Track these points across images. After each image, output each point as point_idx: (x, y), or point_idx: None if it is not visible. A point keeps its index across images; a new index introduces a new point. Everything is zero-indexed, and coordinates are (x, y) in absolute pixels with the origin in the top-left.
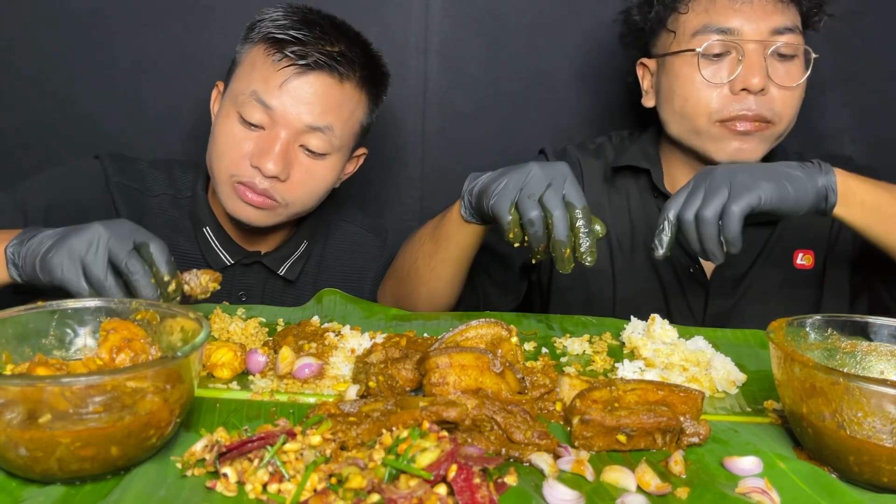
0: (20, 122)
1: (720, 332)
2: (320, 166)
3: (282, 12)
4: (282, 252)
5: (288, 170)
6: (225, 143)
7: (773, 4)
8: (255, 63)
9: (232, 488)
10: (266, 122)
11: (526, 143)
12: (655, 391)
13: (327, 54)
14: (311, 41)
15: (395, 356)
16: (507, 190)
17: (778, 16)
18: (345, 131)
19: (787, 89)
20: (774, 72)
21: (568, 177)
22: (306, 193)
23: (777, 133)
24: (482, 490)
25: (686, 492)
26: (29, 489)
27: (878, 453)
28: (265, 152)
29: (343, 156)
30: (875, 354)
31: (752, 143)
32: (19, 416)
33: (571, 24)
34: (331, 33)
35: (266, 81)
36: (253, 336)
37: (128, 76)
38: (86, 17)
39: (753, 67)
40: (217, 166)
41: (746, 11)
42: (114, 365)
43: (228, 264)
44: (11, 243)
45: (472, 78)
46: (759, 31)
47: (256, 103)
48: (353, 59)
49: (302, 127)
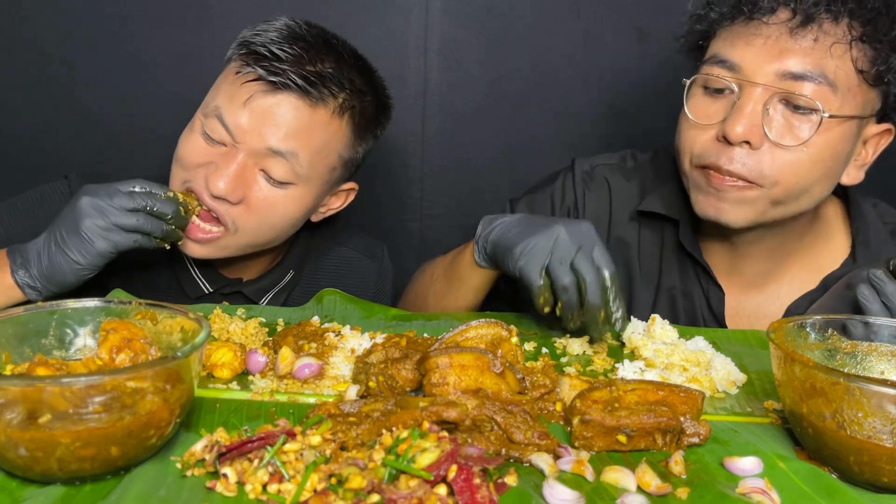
0: (25, 122)
1: (720, 332)
2: (281, 196)
3: (276, 25)
4: (264, 282)
5: (241, 192)
6: (184, 151)
7: (793, 42)
8: (227, 77)
9: (232, 488)
10: (227, 140)
11: (526, 144)
12: (655, 391)
13: (301, 74)
14: (288, 58)
15: (395, 356)
16: (535, 253)
17: (796, 57)
18: (315, 161)
19: (782, 148)
20: (773, 125)
21: (597, 242)
22: (262, 223)
23: (770, 199)
24: (482, 490)
25: (686, 492)
26: (29, 489)
27: (878, 453)
28: (218, 169)
29: (313, 188)
30: (875, 354)
31: (727, 204)
32: (19, 416)
33: (571, 24)
34: (316, 51)
35: (231, 98)
36: (253, 336)
37: (133, 75)
38: (91, 17)
39: (741, 113)
40: (174, 171)
41: (757, 45)
42: (114, 365)
43: (207, 293)
44: (17, 272)
45: (472, 78)
46: (763, 73)
47: (217, 120)
48: (335, 83)
49: (263, 150)
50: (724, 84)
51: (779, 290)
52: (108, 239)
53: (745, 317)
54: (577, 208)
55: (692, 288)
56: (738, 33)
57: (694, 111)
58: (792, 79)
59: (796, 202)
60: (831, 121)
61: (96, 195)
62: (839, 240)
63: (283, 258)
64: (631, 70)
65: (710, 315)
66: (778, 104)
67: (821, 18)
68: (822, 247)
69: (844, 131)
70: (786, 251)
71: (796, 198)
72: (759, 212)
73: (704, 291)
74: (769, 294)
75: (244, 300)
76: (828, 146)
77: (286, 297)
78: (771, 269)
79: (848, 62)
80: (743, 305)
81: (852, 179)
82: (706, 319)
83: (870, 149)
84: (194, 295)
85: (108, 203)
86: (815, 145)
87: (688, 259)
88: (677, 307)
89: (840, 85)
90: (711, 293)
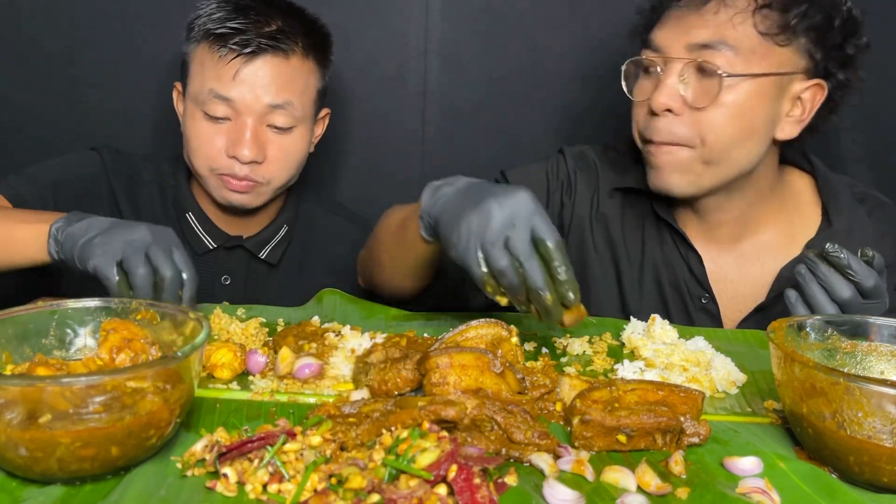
0: (17, 119)
1: (720, 332)
2: (290, 139)
3: (214, 5)
4: (262, 236)
5: (263, 151)
6: (198, 142)
7: (698, 17)
8: (204, 61)
9: (232, 488)
10: (230, 114)
11: (526, 143)
12: (655, 391)
13: (267, 35)
14: (248, 27)
15: (395, 356)
16: (469, 241)
17: (699, 29)
18: (304, 101)
19: (698, 110)
20: (688, 91)
21: (535, 212)
22: (284, 167)
23: (701, 159)
24: (482, 490)
25: (686, 492)
26: (29, 489)
27: (878, 453)
28: (237, 142)
29: (308, 124)
30: (875, 354)
31: (666, 172)
32: (19, 416)
33: (571, 23)
34: (265, 13)
35: (219, 77)
36: (253, 336)
37: (133, 74)
38: (91, 15)
39: (662, 86)
40: (196, 163)
41: (671, 25)
42: (114, 365)
43: (211, 248)
44: (59, 221)
45: (472, 78)
46: (676, 48)
47: (217, 99)
48: (292, 32)
49: (263, 108)
50: (651, 63)
51: (757, 253)
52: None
53: (728, 281)
54: (570, 186)
55: (672, 256)
56: (662, 20)
57: (635, 92)
58: (699, 49)
59: (729, 160)
60: (736, 79)
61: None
62: (810, 207)
63: (278, 215)
64: None
65: (692, 280)
66: (691, 72)
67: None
68: (791, 212)
69: (755, 89)
70: (753, 217)
71: (727, 155)
72: (696, 174)
73: (684, 258)
74: (748, 258)
75: (244, 254)
76: (739, 104)
77: (283, 252)
78: (741, 234)
79: (750, 27)
80: (724, 270)
81: (787, 135)
82: (689, 285)
83: (806, 105)
84: (200, 251)
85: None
86: (725, 105)
87: (665, 228)
88: (662, 279)
89: (741, 48)
90: (690, 258)
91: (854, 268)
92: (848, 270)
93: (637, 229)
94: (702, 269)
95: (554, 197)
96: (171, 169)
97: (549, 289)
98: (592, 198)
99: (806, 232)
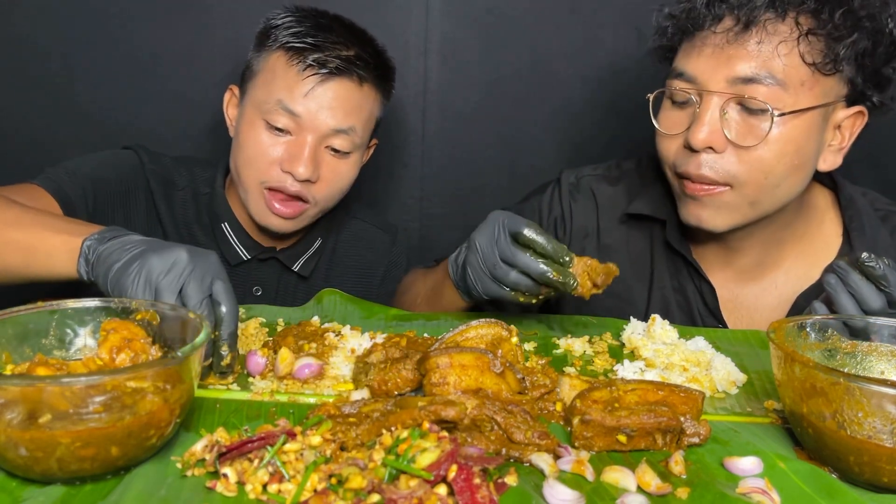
0: (23, 121)
1: (720, 332)
2: (344, 164)
3: (293, 18)
4: (297, 249)
5: (318, 171)
6: (254, 151)
7: (739, 47)
8: (276, 71)
9: (232, 488)
10: (292, 128)
11: (526, 144)
12: (656, 391)
13: (345, 59)
14: (328, 47)
15: (395, 356)
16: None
17: (742, 62)
18: (365, 129)
19: (744, 149)
20: (731, 127)
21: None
22: (334, 190)
23: (745, 199)
24: (482, 490)
25: (686, 492)
26: (29, 489)
27: (878, 453)
28: (295, 158)
29: (363, 151)
30: (875, 354)
31: (709, 211)
32: (19, 416)
33: (572, 24)
34: (345, 37)
35: (290, 90)
36: (253, 336)
37: (132, 74)
38: (90, 15)
39: (701, 121)
40: (246, 173)
41: (707, 55)
42: (114, 365)
43: (245, 259)
44: (92, 237)
45: (472, 78)
46: (716, 80)
47: (283, 111)
48: (368, 61)
49: (327, 130)
50: (685, 96)
51: (775, 280)
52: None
53: (743, 309)
54: (563, 220)
55: (685, 285)
56: (693, 45)
57: (663, 123)
58: (742, 83)
59: (772, 197)
60: (785, 116)
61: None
62: (831, 227)
63: (313, 228)
64: (630, 70)
65: (705, 310)
66: (734, 107)
67: (764, 20)
68: (814, 235)
69: (804, 124)
70: (776, 241)
71: (771, 193)
72: (741, 215)
73: (697, 288)
74: (765, 285)
75: (277, 265)
76: (788, 141)
77: (315, 263)
78: (764, 261)
79: (796, 58)
80: (740, 298)
81: (830, 165)
82: (702, 315)
83: (845, 132)
84: (234, 262)
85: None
86: (774, 142)
87: (678, 257)
88: (671, 305)
89: (790, 81)
90: (704, 289)
91: (890, 279)
92: (882, 281)
93: (645, 257)
94: (715, 300)
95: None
96: (205, 174)
97: (550, 267)
98: (592, 230)
99: (826, 255)
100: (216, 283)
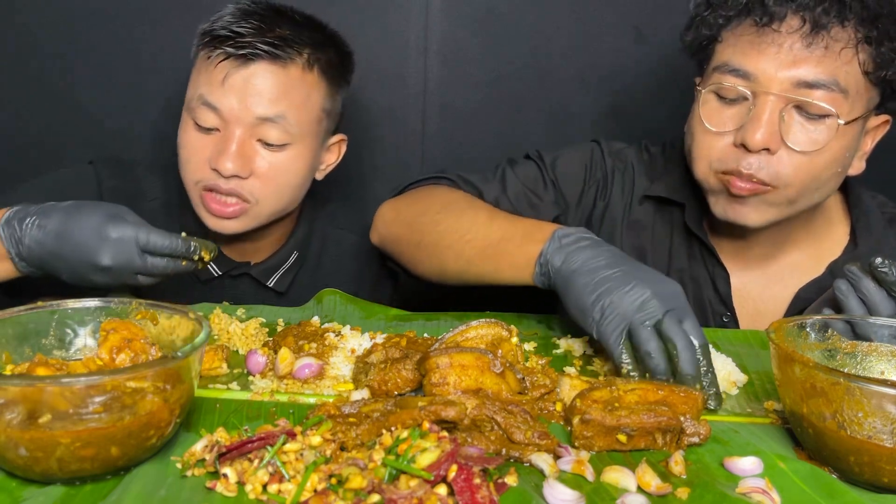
0: (20, 123)
1: (720, 332)
2: (283, 157)
3: (228, 10)
4: (270, 263)
5: (248, 166)
6: (186, 152)
7: (806, 50)
8: (199, 67)
9: (232, 488)
10: (219, 124)
11: (526, 143)
12: (656, 391)
13: (265, 42)
14: (248, 32)
15: (395, 356)
16: (613, 321)
17: (809, 66)
18: (301, 118)
19: (798, 153)
20: (790, 131)
21: (687, 310)
22: (277, 188)
23: (786, 199)
24: (482, 490)
25: (686, 492)
26: (29, 489)
27: (878, 453)
28: (221, 153)
29: (309, 145)
30: (875, 354)
31: (748, 208)
32: (19, 416)
33: (572, 24)
34: (271, 20)
35: (209, 83)
36: (253, 336)
37: (132, 74)
38: (87, 17)
39: (759, 122)
40: (184, 176)
41: (770, 54)
42: (114, 365)
43: (216, 275)
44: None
45: (472, 78)
46: (778, 81)
47: (205, 106)
48: (296, 42)
49: (253, 120)
50: (739, 93)
51: (782, 273)
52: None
53: (750, 299)
54: (605, 185)
55: (698, 271)
56: (749, 41)
57: (709, 119)
58: (806, 87)
59: (810, 199)
60: (846, 124)
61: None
62: (839, 227)
63: (287, 240)
64: (629, 70)
65: (716, 297)
66: (792, 111)
67: (829, 24)
68: (823, 234)
69: (854, 131)
70: (789, 237)
71: (811, 195)
72: (778, 212)
73: (710, 273)
74: (773, 277)
75: (251, 281)
76: (842, 148)
77: (292, 279)
78: (773, 253)
79: (856, 66)
80: (748, 287)
81: (856, 170)
82: (712, 302)
83: (869, 139)
84: (204, 277)
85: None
86: (830, 149)
87: (695, 241)
88: (686, 291)
89: (850, 89)
90: (717, 274)
91: None
92: (894, 287)
93: (665, 239)
94: (727, 287)
95: (588, 193)
96: (179, 183)
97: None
98: (626, 202)
99: (832, 252)
100: None
